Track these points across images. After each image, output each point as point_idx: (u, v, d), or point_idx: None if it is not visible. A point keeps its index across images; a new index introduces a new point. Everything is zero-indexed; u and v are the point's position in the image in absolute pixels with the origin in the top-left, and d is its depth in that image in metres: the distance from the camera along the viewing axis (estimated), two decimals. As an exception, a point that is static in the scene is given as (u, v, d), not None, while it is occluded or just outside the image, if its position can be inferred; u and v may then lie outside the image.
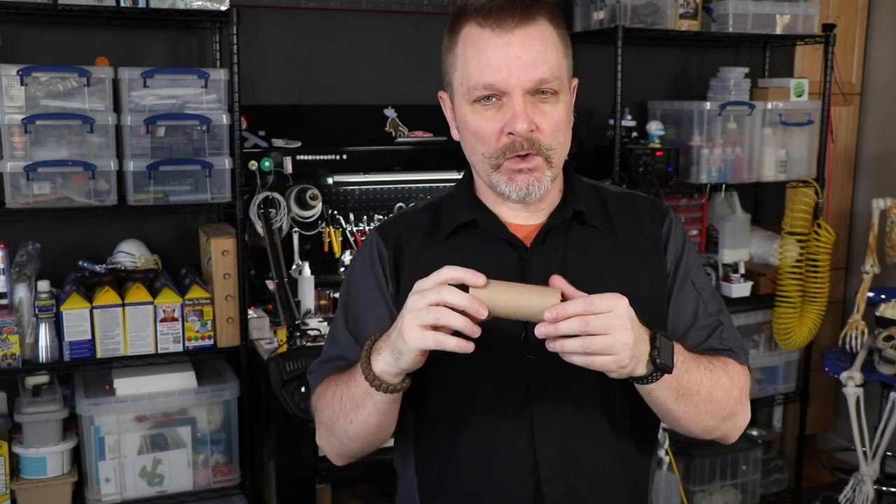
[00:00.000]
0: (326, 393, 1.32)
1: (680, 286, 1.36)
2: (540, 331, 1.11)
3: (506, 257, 1.32)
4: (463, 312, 1.10)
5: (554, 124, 1.25)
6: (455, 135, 1.35)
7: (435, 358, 1.21)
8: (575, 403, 1.29)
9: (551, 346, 1.11)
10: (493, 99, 1.24)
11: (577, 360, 1.11)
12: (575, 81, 1.34)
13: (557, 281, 1.15)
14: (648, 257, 1.36)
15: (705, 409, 1.28)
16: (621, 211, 1.39)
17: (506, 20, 1.22)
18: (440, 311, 1.10)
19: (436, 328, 1.11)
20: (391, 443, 1.42)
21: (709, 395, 1.27)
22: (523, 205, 1.33)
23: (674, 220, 1.40)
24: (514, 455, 1.29)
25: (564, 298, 1.12)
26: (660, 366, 1.16)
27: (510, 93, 1.22)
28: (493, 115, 1.25)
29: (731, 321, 1.41)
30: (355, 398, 1.24)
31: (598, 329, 1.09)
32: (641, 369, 1.16)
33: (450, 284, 1.12)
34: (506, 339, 1.27)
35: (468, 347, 1.11)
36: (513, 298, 1.12)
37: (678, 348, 1.22)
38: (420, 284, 1.14)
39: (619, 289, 1.14)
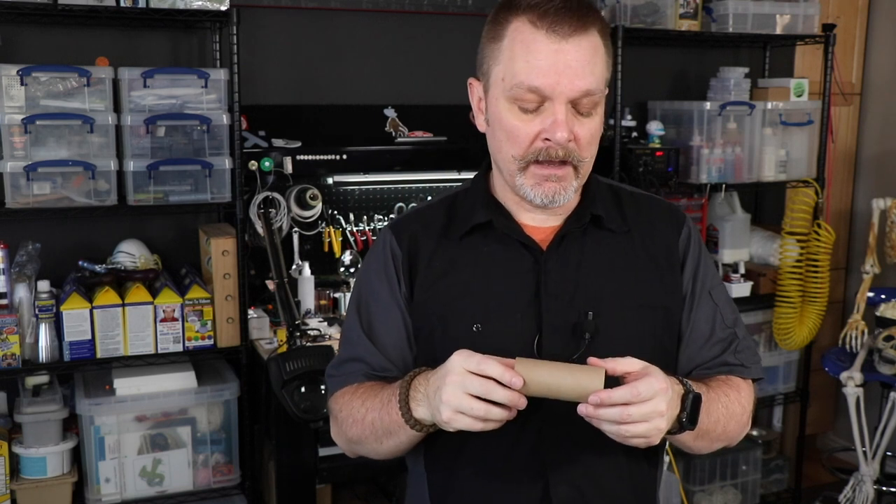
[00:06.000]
0: (353, 410, 1.32)
1: (698, 300, 1.36)
2: (581, 410, 1.12)
3: (521, 260, 1.31)
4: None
5: (590, 136, 1.24)
6: (481, 126, 1.32)
7: None
8: None
9: (589, 420, 1.13)
10: (534, 102, 1.22)
11: (612, 436, 1.14)
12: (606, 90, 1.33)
13: (613, 363, 1.14)
14: (664, 265, 1.35)
15: (718, 440, 1.32)
16: (638, 214, 1.37)
17: (562, 25, 1.18)
18: (482, 406, 1.12)
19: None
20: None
21: (724, 430, 1.30)
22: (541, 207, 1.31)
23: (691, 229, 1.39)
24: (522, 458, 1.29)
25: (608, 376, 1.12)
26: (685, 426, 1.18)
27: (554, 99, 1.20)
28: (531, 117, 1.22)
29: (745, 329, 1.41)
30: (389, 428, 1.25)
31: (637, 418, 1.10)
32: (668, 427, 1.17)
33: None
34: (519, 346, 1.27)
35: (510, 415, 1.14)
36: (554, 384, 1.13)
37: (703, 395, 1.22)
38: (455, 369, 1.13)
39: (633, 295, 1.13)
